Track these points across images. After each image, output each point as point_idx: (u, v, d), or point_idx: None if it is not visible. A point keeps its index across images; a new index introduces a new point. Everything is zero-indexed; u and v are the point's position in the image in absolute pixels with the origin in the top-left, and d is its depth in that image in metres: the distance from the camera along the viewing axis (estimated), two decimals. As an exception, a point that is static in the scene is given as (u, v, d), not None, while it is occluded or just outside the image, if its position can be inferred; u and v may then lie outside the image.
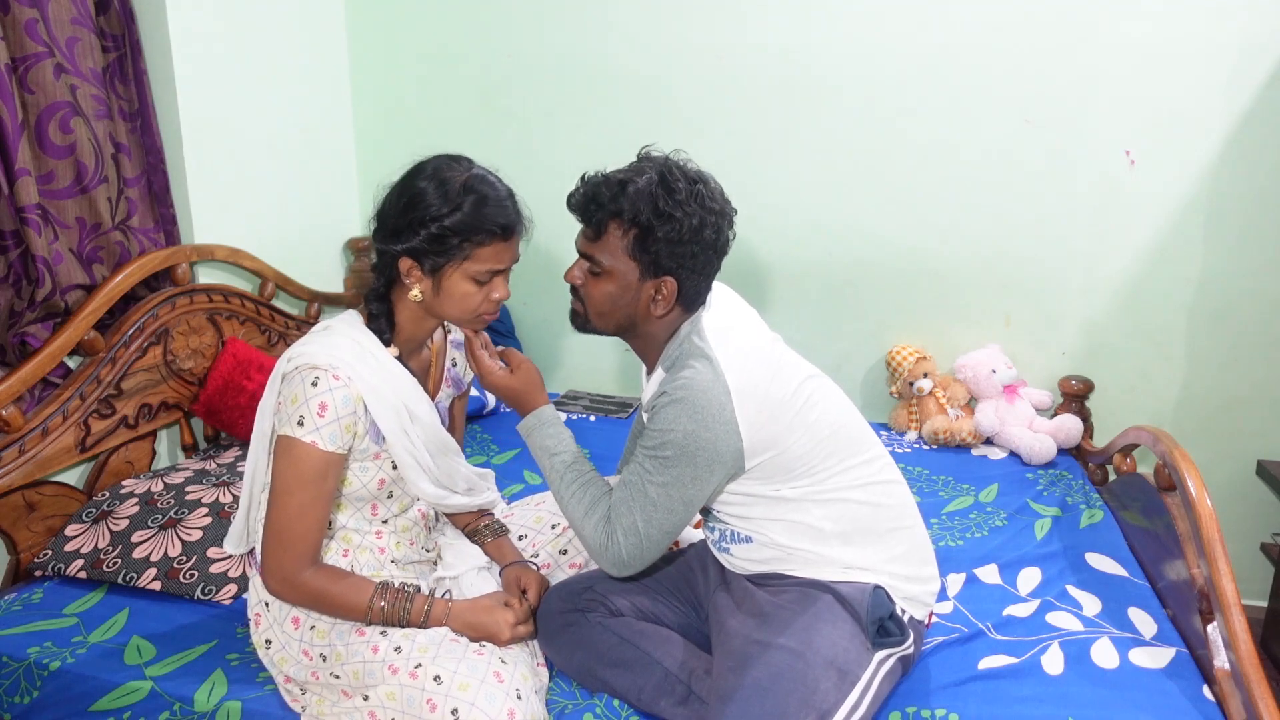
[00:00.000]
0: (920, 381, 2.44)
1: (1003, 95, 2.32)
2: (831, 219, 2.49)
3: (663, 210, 1.30)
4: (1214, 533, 1.47)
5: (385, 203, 1.39)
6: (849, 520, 1.40)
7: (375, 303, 1.43)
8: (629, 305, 1.38)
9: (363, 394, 1.34)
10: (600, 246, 1.37)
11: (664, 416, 1.32)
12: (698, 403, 1.29)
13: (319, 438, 1.30)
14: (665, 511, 1.33)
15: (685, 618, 1.51)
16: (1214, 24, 2.15)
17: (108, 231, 1.97)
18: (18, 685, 1.49)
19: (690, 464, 1.31)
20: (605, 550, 1.36)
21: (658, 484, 1.33)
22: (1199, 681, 1.42)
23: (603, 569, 1.41)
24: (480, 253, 1.35)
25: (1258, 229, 2.25)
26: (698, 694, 1.36)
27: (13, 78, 1.74)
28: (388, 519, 1.48)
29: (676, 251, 1.32)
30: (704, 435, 1.29)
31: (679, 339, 1.40)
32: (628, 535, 1.34)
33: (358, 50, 2.71)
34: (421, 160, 1.39)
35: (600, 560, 1.38)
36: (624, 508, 1.35)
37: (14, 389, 1.73)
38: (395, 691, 1.30)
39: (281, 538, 1.33)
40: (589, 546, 1.39)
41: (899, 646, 1.37)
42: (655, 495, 1.33)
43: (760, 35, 2.42)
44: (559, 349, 2.82)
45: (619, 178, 1.34)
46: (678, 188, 1.31)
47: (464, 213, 1.32)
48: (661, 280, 1.35)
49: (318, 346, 1.35)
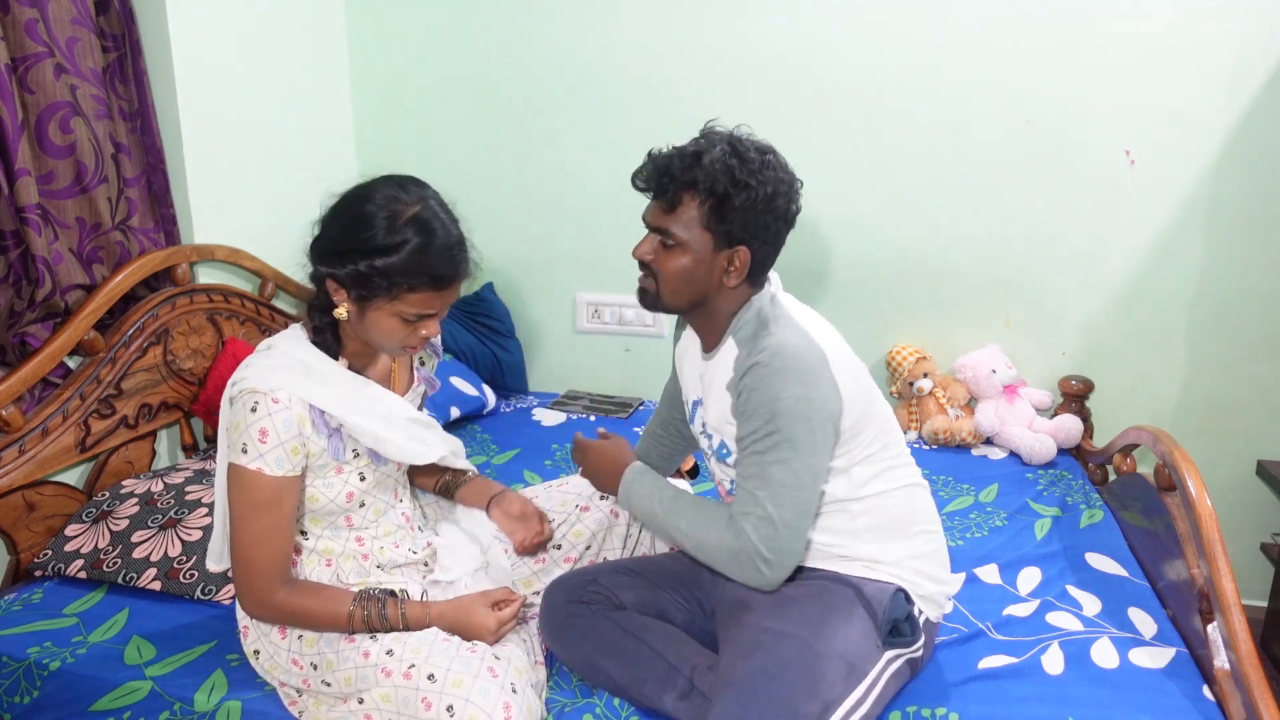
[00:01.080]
0: (920, 381, 2.44)
1: (1003, 95, 2.32)
2: (832, 219, 2.49)
3: (739, 179, 1.29)
4: (1214, 533, 1.47)
5: (327, 218, 1.33)
6: (883, 514, 1.40)
7: (318, 315, 1.37)
8: (703, 278, 1.35)
9: (318, 406, 1.31)
10: (674, 219, 1.34)
11: (766, 390, 1.26)
12: (798, 367, 1.27)
13: (264, 464, 1.28)
14: (794, 489, 1.26)
15: (689, 613, 1.51)
16: (1214, 24, 2.16)
17: (108, 231, 1.97)
18: (18, 685, 1.49)
19: (808, 429, 1.26)
20: (738, 553, 1.27)
21: (778, 462, 1.26)
22: (1199, 681, 1.43)
23: (746, 582, 1.30)
24: (410, 298, 1.28)
25: (1258, 229, 2.25)
26: (700, 689, 1.36)
27: (13, 78, 1.74)
28: (365, 526, 1.46)
29: (751, 221, 1.31)
30: (815, 396, 1.27)
31: (751, 310, 1.38)
32: (759, 527, 1.26)
33: (358, 50, 2.71)
34: (373, 180, 1.32)
35: (740, 569, 1.28)
36: (749, 501, 1.27)
37: (14, 389, 1.73)
38: (390, 693, 1.30)
39: (248, 564, 1.32)
40: (722, 560, 1.30)
41: (909, 648, 1.37)
42: (779, 475, 1.26)
43: (760, 35, 2.42)
44: (559, 349, 2.82)
45: (691, 149, 1.32)
46: (750, 157, 1.30)
47: (400, 257, 1.25)
48: (735, 251, 1.33)
49: (257, 371, 1.31)
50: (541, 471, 2.23)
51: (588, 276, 2.71)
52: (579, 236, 2.68)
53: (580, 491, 1.68)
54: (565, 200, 2.66)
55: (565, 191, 2.65)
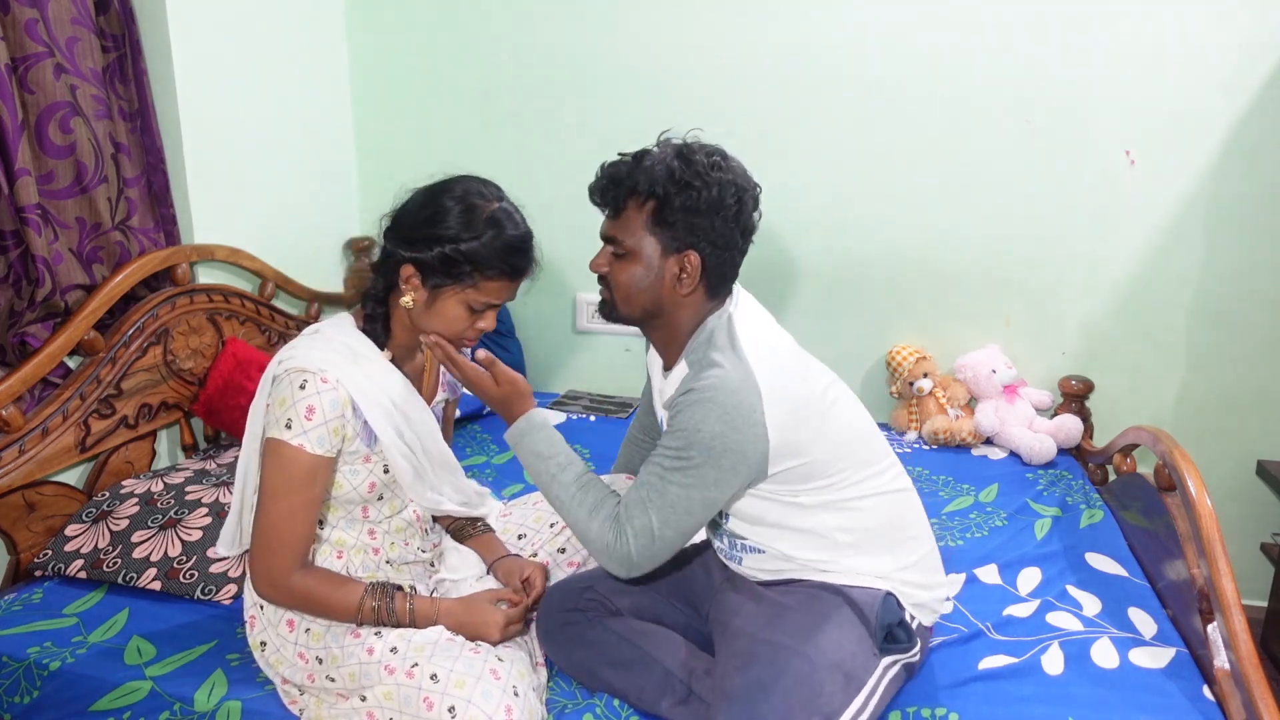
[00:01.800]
0: (920, 381, 2.44)
1: (1003, 95, 2.32)
2: (831, 219, 2.49)
3: (680, 179, 1.28)
4: (1214, 533, 1.47)
5: (407, 207, 1.38)
6: (863, 530, 1.38)
7: (372, 304, 1.42)
8: (654, 285, 1.35)
9: (352, 396, 1.34)
10: (620, 226, 1.35)
11: (690, 415, 1.27)
12: (728, 403, 1.25)
13: (306, 440, 1.30)
14: (684, 513, 1.29)
15: (685, 618, 1.51)
16: (1214, 24, 2.16)
17: (108, 231, 1.97)
18: (18, 685, 1.49)
19: (715, 466, 1.27)
20: (612, 550, 1.31)
21: (678, 485, 1.28)
22: (1199, 681, 1.42)
23: (607, 569, 1.36)
24: (486, 285, 1.35)
25: (1258, 229, 2.25)
26: (698, 694, 1.36)
27: (13, 78, 1.74)
28: (379, 521, 1.48)
29: (696, 223, 1.30)
30: (732, 438, 1.25)
31: (705, 332, 1.35)
32: (639, 536, 1.29)
33: (358, 50, 2.71)
34: (453, 177, 1.38)
35: (607, 561, 1.33)
36: (638, 508, 1.30)
37: (14, 389, 1.73)
38: (392, 691, 1.30)
39: (270, 541, 1.33)
40: (594, 548, 1.34)
41: (906, 654, 1.36)
42: (675, 496, 1.28)
43: (761, 35, 2.42)
44: (559, 349, 2.82)
45: (634, 154, 1.34)
46: (695, 160, 1.30)
47: (483, 244, 1.32)
48: (684, 255, 1.32)
49: (306, 350, 1.35)
50: (541, 471, 2.22)
51: (588, 276, 2.68)
52: (579, 236, 2.67)
53: None
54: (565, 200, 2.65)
55: (565, 191, 2.64)
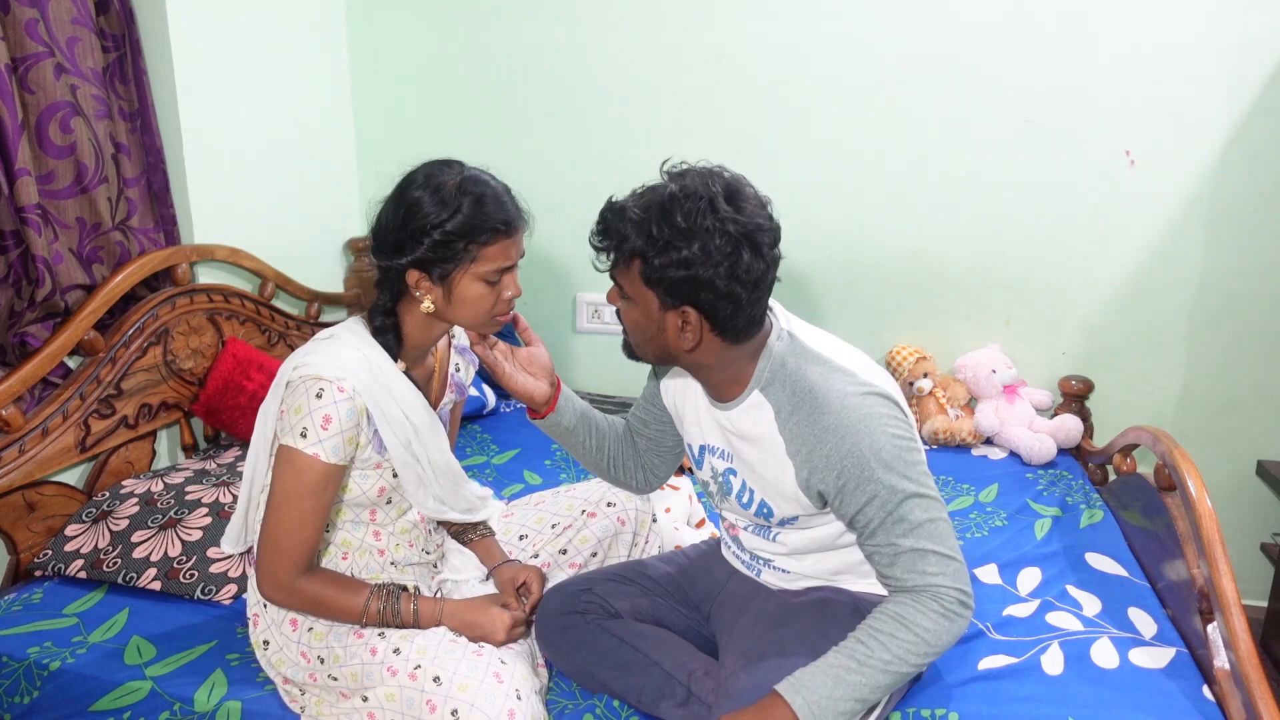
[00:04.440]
0: (920, 381, 2.44)
1: (1003, 95, 2.32)
2: (831, 219, 2.49)
3: (656, 238, 1.18)
4: (1214, 533, 1.47)
5: (381, 219, 1.35)
6: None
7: (381, 317, 1.40)
8: (659, 336, 1.27)
9: (368, 407, 1.33)
10: (621, 273, 1.27)
11: (856, 451, 1.19)
12: (870, 410, 1.21)
13: (321, 450, 1.29)
14: (938, 519, 1.22)
15: (685, 619, 1.51)
16: (1214, 24, 2.15)
17: (108, 231, 1.97)
18: (18, 685, 1.49)
19: (915, 451, 1.24)
20: (948, 613, 1.20)
21: (910, 501, 1.20)
22: (1199, 681, 1.43)
23: (961, 634, 1.23)
24: (486, 252, 1.32)
25: (1258, 229, 2.25)
26: (698, 695, 1.36)
27: (13, 78, 1.74)
28: (385, 523, 1.48)
29: (682, 281, 1.19)
30: (905, 429, 1.24)
31: (774, 360, 1.29)
32: (942, 568, 1.19)
33: (358, 51, 2.71)
34: (410, 170, 1.35)
35: (955, 628, 1.21)
36: (912, 567, 1.20)
37: (14, 389, 1.73)
38: (394, 692, 1.30)
39: (278, 545, 1.33)
40: (943, 636, 1.20)
41: None
42: (919, 515, 1.20)
43: (759, 36, 2.42)
44: (559, 349, 2.82)
45: (620, 204, 1.24)
46: (677, 215, 1.17)
47: (464, 214, 1.30)
48: (682, 311, 1.22)
49: (324, 357, 1.33)
50: (542, 471, 2.23)
51: (588, 276, 2.70)
52: (579, 236, 2.66)
53: (587, 497, 1.68)
54: (565, 200, 2.65)
55: (565, 191, 2.65)
